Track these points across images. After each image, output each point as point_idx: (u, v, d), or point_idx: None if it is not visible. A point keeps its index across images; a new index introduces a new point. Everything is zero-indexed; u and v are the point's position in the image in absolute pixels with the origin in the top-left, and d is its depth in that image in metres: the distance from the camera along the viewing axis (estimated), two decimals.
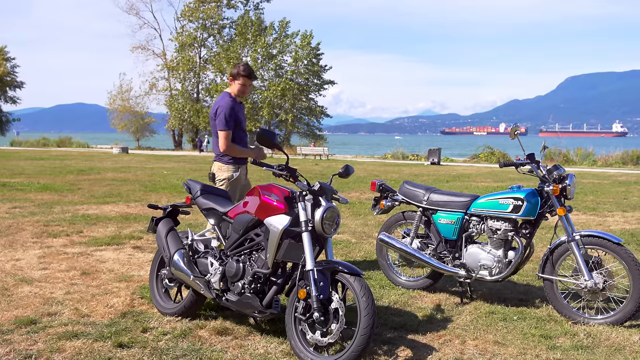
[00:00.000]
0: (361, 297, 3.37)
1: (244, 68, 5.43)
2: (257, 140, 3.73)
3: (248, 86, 5.49)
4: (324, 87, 48.25)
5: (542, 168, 4.67)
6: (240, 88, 5.44)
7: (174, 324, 4.18)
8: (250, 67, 5.52)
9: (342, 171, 4.00)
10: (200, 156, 35.66)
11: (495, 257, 4.69)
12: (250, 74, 5.44)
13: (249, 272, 3.81)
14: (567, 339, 4.03)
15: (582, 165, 27.65)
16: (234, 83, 5.44)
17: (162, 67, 50.82)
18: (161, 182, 15.42)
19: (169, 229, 4.46)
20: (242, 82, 5.42)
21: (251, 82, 5.50)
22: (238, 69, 5.41)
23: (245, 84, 5.45)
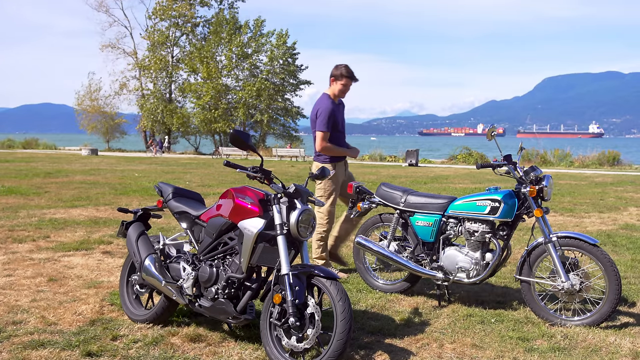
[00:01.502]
0: (337, 302, 3.38)
1: (346, 70, 5.66)
2: (230, 142, 3.71)
3: (348, 88, 5.72)
4: (300, 87, 48.22)
5: (519, 169, 4.74)
6: (341, 89, 5.70)
7: (145, 331, 4.13)
8: (350, 68, 5.71)
9: (317, 173, 4.01)
10: (162, 158, 35.37)
11: (473, 259, 4.74)
12: (352, 76, 5.68)
13: (223, 277, 3.79)
14: (545, 341, 4.09)
15: (559, 166, 28.12)
16: (335, 84, 5.70)
17: (133, 66, 50.25)
18: (132, 184, 15.25)
19: (140, 233, 4.41)
20: (344, 82, 5.68)
21: (351, 83, 5.72)
22: (341, 71, 5.65)
23: (347, 85, 5.69)
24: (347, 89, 5.72)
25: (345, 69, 5.65)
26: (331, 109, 5.63)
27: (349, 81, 5.67)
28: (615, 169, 26.60)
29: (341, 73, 5.64)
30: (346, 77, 5.64)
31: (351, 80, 5.68)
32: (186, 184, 15.42)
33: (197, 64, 45.80)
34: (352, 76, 5.67)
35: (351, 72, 5.67)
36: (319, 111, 5.63)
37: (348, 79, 5.65)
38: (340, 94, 5.73)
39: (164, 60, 48.91)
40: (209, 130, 46.35)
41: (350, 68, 5.69)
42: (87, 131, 53.11)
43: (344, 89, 5.69)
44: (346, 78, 5.64)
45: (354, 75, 5.70)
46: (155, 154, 40.03)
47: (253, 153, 3.85)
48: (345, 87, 5.68)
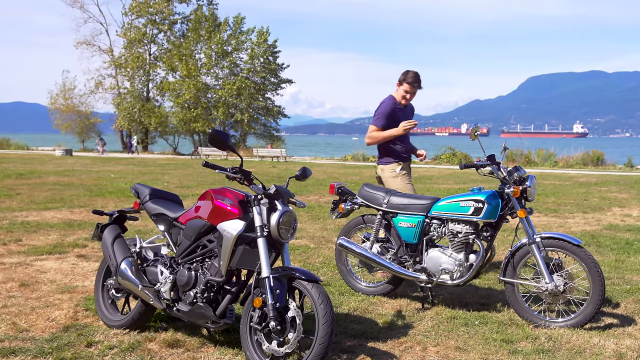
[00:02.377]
0: (319, 305, 3.38)
1: (410, 75, 5.67)
2: (209, 142, 3.70)
3: (412, 94, 5.73)
4: (281, 86, 48.18)
5: (503, 169, 4.78)
6: (403, 95, 5.73)
7: (121, 337, 4.10)
8: (418, 75, 5.72)
9: (299, 174, 4.00)
10: (139, 158, 35.11)
11: (457, 260, 4.77)
12: (413, 82, 5.66)
13: (202, 281, 3.77)
14: (529, 343, 4.13)
15: (543, 166, 28.44)
16: (399, 89, 5.75)
17: (109, 64, 49.80)
18: (108, 186, 15.11)
19: (116, 236, 4.38)
20: (406, 89, 5.70)
21: (415, 90, 5.72)
22: (405, 76, 5.68)
23: (409, 92, 5.70)
24: (409, 96, 5.73)
25: (408, 76, 5.67)
26: (391, 108, 5.69)
27: (410, 88, 5.68)
28: (599, 169, 26.97)
29: (405, 78, 5.67)
30: (408, 83, 5.66)
31: (413, 87, 5.67)
32: (164, 185, 15.32)
33: (176, 62, 45.53)
34: (413, 83, 5.66)
35: (414, 79, 5.67)
36: (379, 107, 5.75)
37: (409, 85, 5.66)
38: (402, 100, 5.74)
39: (141, 58, 48.55)
40: (187, 130, 46.11)
41: (415, 75, 5.70)
42: (61, 131, 52.52)
43: (405, 94, 5.71)
44: (408, 84, 5.67)
45: (417, 82, 5.69)
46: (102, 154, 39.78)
47: (233, 153, 3.84)
48: (406, 93, 5.70)
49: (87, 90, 50.42)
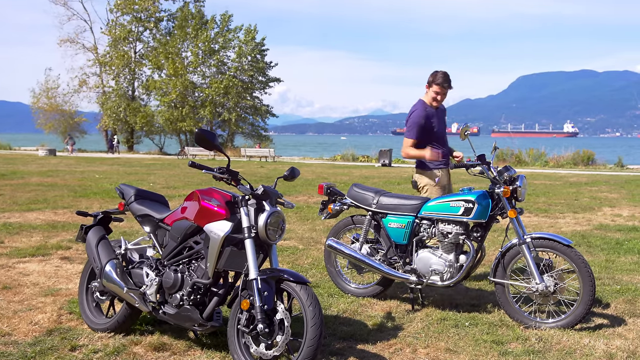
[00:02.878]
0: (308, 307, 3.38)
1: (439, 76, 5.54)
2: (195, 142, 3.69)
3: (442, 95, 5.59)
4: (269, 85, 48.12)
5: (493, 169, 4.81)
6: (433, 96, 5.58)
7: (106, 341, 4.07)
8: (447, 75, 5.58)
9: (287, 174, 4.00)
10: (123, 158, 34.93)
11: (447, 261, 4.79)
12: (443, 82, 5.52)
13: (188, 283, 3.76)
14: (519, 344, 4.16)
15: (534, 166, 28.63)
16: (429, 91, 5.61)
17: (94, 62, 49.50)
18: (92, 186, 15.02)
19: (100, 237, 4.35)
20: (436, 90, 5.55)
21: (446, 90, 5.58)
22: (434, 77, 5.55)
23: (439, 92, 5.56)
24: (439, 97, 5.59)
25: (437, 76, 5.55)
26: (422, 117, 5.55)
27: (440, 88, 5.53)
28: (589, 168, 27.20)
29: (433, 79, 5.55)
30: (437, 84, 5.53)
31: (442, 87, 5.53)
32: (150, 186, 15.25)
33: (162, 60, 45.34)
34: (443, 83, 5.53)
35: (444, 79, 5.54)
36: (410, 117, 5.64)
37: (438, 86, 5.53)
38: (433, 102, 5.61)
39: (127, 56, 48.30)
40: (174, 129, 45.94)
41: (445, 75, 5.57)
42: (44, 130, 52.13)
43: (435, 96, 5.57)
44: (437, 85, 5.53)
45: (447, 82, 5.55)
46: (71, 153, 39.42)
47: (220, 153, 3.83)
48: (437, 94, 5.56)
49: (71, 89, 50.16)
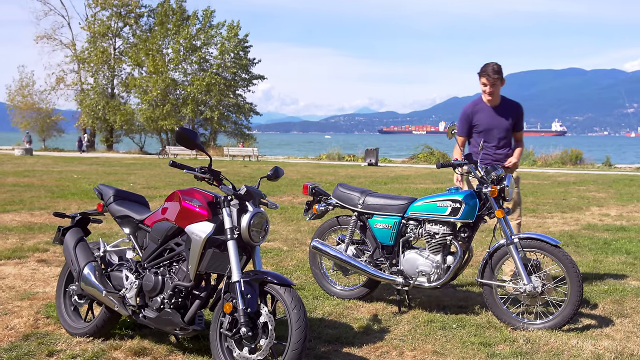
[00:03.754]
0: (292, 310, 3.38)
1: (483, 66, 5.29)
2: (176, 140, 3.67)
3: (490, 86, 5.27)
4: (252, 83, 48.01)
5: (480, 169, 4.84)
6: (483, 89, 5.35)
7: (84, 346, 4.04)
8: (492, 65, 5.26)
9: (270, 173, 3.99)
10: (103, 158, 34.68)
11: (434, 262, 4.81)
12: (484, 72, 5.25)
13: (169, 286, 3.74)
14: (507, 345, 4.19)
15: (522, 165, 28.77)
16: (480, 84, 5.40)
17: (72, 59, 49.06)
18: (70, 187, 14.90)
19: (78, 239, 4.32)
20: (482, 82, 5.31)
21: (493, 81, 5.25)
22: (481, 69, 5.32)
23: (485, 84, 5.29)
24: (488, 89, 5.29)
25: (483, 67, 5.29)
26: (466, 111, 5.45)
27: (485, 79, 5.27)
28: (577, 167, 27.48)
29: (479, 71, 5.31)
30: (480, 74, 5.30)
31: (487, 78, 5.24)
32: (130, 186, 15.16)
33: (142, 57, 45.05)
34: (485, 73, 5.24)
35: (485, 68, 5.26)
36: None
37: (483, 76, 5.27)
38: (484, 95, 5.38)
39: (106, 52, 47.93)
40: (155, 128, 45.66)
41: (488, 64, 5.27)
42: (20, 129, 51.58)
43: (484, 88, 5.33)
44: (481, 76, 5.30)
45: (489, 71, 5.24)
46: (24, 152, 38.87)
47: (202, 152, 3.82)
48: (484, 86, 5.31)
49: (48, 87, 49.66)
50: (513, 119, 5.45)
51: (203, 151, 3.72)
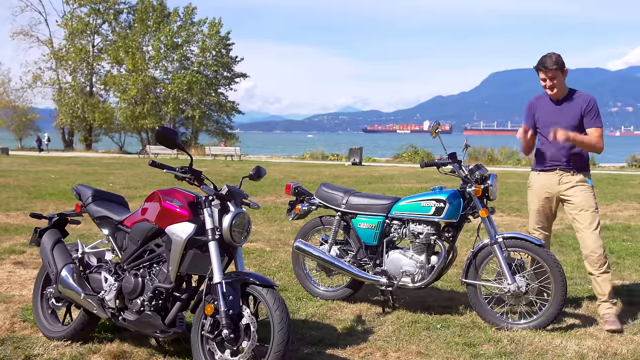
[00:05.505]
0: (274, 311, 3.37)
1: (539, 60, 4.83)
2: (156, 140, 3.65)
3: (549, 79, 4.77)
4: (235, 81, 47.93)
5: (464, 168, 4.87)
6: (542, 84, 4.87)
7: (62, 350, 4.01)
8: (549, 56, 4.77)
9: (252, 173, 3.99)
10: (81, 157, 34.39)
11: (418, 262, 4.84)
12: (539, 65, 4.80)
13: (149, 288, 3.72)
14: (491, 345, 4.22)
15: (506, 164, 29.11)
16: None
17: (49, 56, 48.59)
18: (48, 187, 14.75)
19: (56, 241, 4.28)
20: (540, 76, 4.84)
21: (550, 74, 4.74)
22: (537, 62, 4.86)
23: (543, 79, 4.81)
24: (546, 83, 4.81)
25: (539, 60, 4.81)
26: (530, 103, 5.05)
27: (542, 73, 4.79)
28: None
29: (536, 66, 4.85)
30: (538, 69, 4.83)
31: (544, 71, 4.77)
32: (109, 186, 15.04)
33: (122, 54, 44.74)
34: (540, 66, 4.78)
35: (542, 62, 4.77)
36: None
37: (539, 70, 4.82)
38: (545, 90, 4.89)
39: (84, 50, 47.54)
40: (135, 127, 45.40)
41: (546, 57, 4.77)
42: None
43: (543, 83, 4.85)
44: (538, 71, 4.84)
45: (544, 62, 4.76)
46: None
47: (182, 152, 3.81)
48: (543, 81, 4.82)
49: (24, 84, 49.13)
50: (579, 115, 4.80)
51: (184, 150, 3.71)
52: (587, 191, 4.79)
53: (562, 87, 4.86)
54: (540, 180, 4.95)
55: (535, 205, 4.98)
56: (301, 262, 5.55)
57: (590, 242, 4.69)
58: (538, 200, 4.96)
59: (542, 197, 4.93)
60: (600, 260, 4.65)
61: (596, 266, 4.67)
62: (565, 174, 4.84)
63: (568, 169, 4.84)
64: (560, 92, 4.86)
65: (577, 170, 4.84)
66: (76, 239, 4.68)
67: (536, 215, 4.99)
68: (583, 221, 4.74)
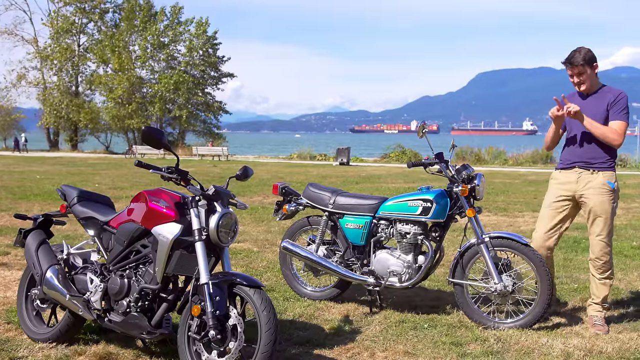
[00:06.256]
0: (262, 311, 3.37)
1: (567, 56, 4.64)
2: (142, 140, 3.63)
3: (576, 75, 4.59)
4: (222, 81, 47.83)
5: (451, 168, 4.89)
6: (570, 80, 4.69)
7: (47, 352, 3.98)
8: (577, 51, 4.58)
9: (239, 173, 3.98)
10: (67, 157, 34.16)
11: (405, 262, 4.85)
12: (567, 61, 4.61)
13: (135, 289, 3.70)
14: (478, 345, 4.24)
15: (493, 164, 29.29)
16: None
17: (34, 55, 48.21)
18: (33, 188, 14.63)
19: (40, 242, 4.25)
20: (568, 72, 4.66)
21: (578, 69, 4.56)
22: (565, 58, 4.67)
23: (571, 75, 4.63)
24: (574, 79, 4.64)
25: (567, 56, 4.64)
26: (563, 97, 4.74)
27: (569, 70, 4.63)
28: (548, 166, 27.96)
29: (564, 61, 4.67)
30: (565, 65, 4.64)
31: (571, 67, 4.60)
32: (95, 187, 14.95)
33: (108, 54, 44.48)
34: (569, 63, 4.60)
35: (569, 58, 4.60)
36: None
37: (567, 67, 4.64)
38: (574, 86, 4.71)
39: (69, 49, 47.21)
40: (121, 127, 45.15)
41: (574, 53, 4.59)
42: None
43: (571, 80, 4.67)
44: (566, 67, 4.65)
45: (569, 58, 4.59)
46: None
47: (168, 152, 3.80)
48: (571, 77, 4.66)
49: (8, 84, 48.72)
50: (605, 108, 4.59)
51: (170, 151, 3.69)
52: (605, 195, 4.55)
53: (593, 82, 4.64)
54: (559, 178, 4.77)
55: (548, 202, 4.79)
56: (289, 262, 5.54)
57: (597, 249, 4.61)
58: (552, 198, 4.76)
59: (557, 194, 4.73)
60: (604, 267, 4.64)
61: (599, 271, 4.67)
62: (585, 172, 4.61)
63: (588, 167, 4.61)
64: (590, 87, 4.64)
65: (598, 170, 4.59)
66: (61, 240, 4.65)
67: (546, 215, 4.79)
68: (594, 227, 4.61)
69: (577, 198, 4.67)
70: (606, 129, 4.53)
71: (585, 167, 4.64)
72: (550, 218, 4.77)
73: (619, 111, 4.57)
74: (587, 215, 4.65)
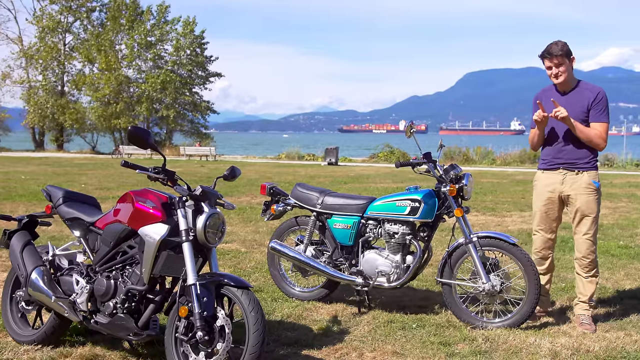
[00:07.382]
0: (249, 312, 3.37)
1: (544, 48, 4.61)
2: (128, 140, 3.62)
3: (554, 67, 4.56)
4: (209, 80, 47.59)
5: (439, 168, 4.91)
6: (547, 73, 4.64)
7: (32, 354, 3.95)
8: (554, 43, 4.57)
9: (227, 173, 3.98)
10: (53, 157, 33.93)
11: (393, 262, 4.86)
12: (545, 52, 4.59)
13: (122, 290, 3.68)
14: (466, 344, 4.26)
15: (481, 164, 29.41)
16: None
17: (19, 54, 47.77)
18: (18, 188, 14.50)
19: (25, 243, 4.21)
20: (545, 65, 4.64)
21: (555, 61, 4.53)
22: (542, 50, 4.64)
23: (549, 67, 4.59)
24: (552, 71, 4.60)
25: (545, 48, 4.62)
26: (536, 96, 4.78)
27: (547, 61, 4.60)
28: (536, 166, 28.10)
29: (541, 54, 4.65)
30: (543, 57, 4.64)
31: (548, 59, 4.58)
32: (81, 187, 14.85)
33: (94, 53, 44.18)
34: (547, 54, 4.58)
35: (547, 49, 4.58)
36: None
37: (544, 59, 4.62)
38: (551, 79, 4.68)
39: (55, 48, 46.81)
40: (107, 127, 44.83)
41: (552, 44, 4.59)
42: None
43: (548, 72, 4.63)
44: (543, 59, 4.64)
45: (548, 51, 4.58)
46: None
47: (155, 152, 3.78)
48: (549, 69, 4.62)
49: None
50: (586, 108, 4.59)
51: (156, 150, 3.68)
52: (591, 195, 4.60)
53: (570, 76, 4.64)
54: (543, 179, 4.82)
55: (538, 205, 4.87)
56: (277, 262, 5.54)
57: (583, 247, 4.68)
58: (541, 201, 4.83)
59: (545, 197, 4.79)
60: (590, 265, 4.69)
61: (586, 270, 4.71)
62: (570, 173, 4.66)
63: (572, 168, 4.66)
64: (567, 82, 4.64)
65: (583, 170, 4.64)
66: (47, 241, 4.62)
67: (539, 217, 4.87)
68: (581, 226, 4.67)
69: (564, 199, 4.74)
70: (592, 134, 4.56)
71: (570, 169, 4.68)
72: (546, 219, 4.85)
73: (600, 112, 4.58)
74: (574, 215, 4.69)
